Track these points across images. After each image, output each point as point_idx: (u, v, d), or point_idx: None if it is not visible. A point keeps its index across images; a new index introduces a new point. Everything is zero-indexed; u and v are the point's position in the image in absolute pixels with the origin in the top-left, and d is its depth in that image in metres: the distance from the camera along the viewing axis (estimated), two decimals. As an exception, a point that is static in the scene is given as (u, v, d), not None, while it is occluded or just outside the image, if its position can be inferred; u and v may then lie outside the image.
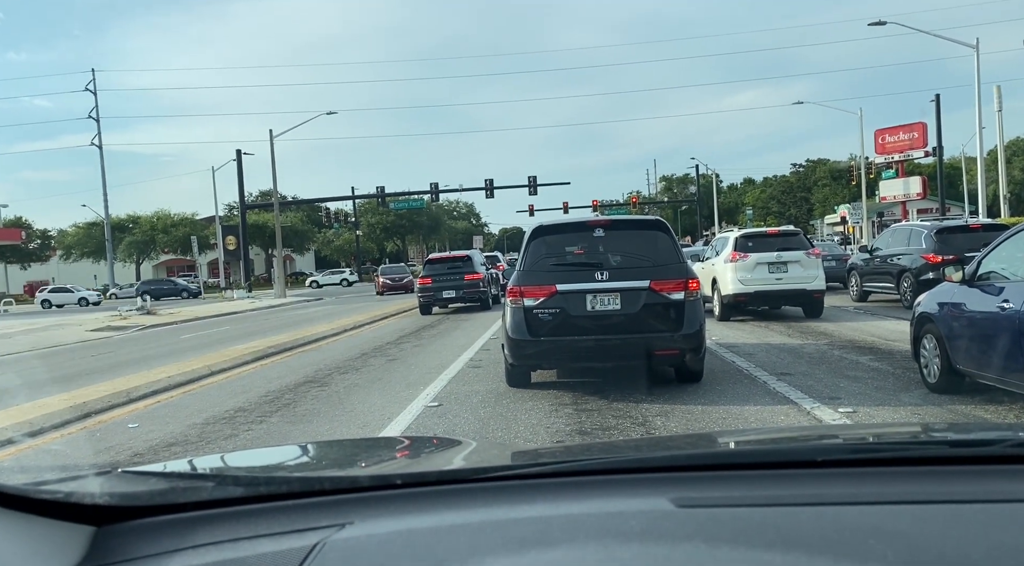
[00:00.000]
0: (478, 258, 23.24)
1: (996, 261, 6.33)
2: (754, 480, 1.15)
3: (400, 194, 53.53)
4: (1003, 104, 30.73)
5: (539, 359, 7.87)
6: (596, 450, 1.73)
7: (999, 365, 5.84)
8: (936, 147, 36.65)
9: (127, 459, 6.34)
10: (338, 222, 66.46)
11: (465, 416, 7.03)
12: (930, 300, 7.14)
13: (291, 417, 7.73)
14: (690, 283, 7.45)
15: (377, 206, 69.46)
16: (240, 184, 45.62)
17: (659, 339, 7.36)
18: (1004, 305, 5.80)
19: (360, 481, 1.28)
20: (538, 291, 7.47)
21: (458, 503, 1.11)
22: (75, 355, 16.67)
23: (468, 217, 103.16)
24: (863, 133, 44.12)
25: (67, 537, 1.04)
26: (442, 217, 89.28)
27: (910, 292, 14.38)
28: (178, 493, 1.22)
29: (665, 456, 1.42)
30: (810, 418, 6.30)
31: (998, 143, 32.17)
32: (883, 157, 43.96)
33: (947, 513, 0.99)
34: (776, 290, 14.34)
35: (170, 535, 1.07)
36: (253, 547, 1.02)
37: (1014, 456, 1.21)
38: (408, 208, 61.86)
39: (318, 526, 1.05)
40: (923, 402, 6.64)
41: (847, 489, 1.09)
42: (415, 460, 1.75)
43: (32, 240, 66.06)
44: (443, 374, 9.62)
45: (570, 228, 8.21)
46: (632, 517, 1.00)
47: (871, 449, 1.39)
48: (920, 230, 15.47)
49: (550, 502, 1.09)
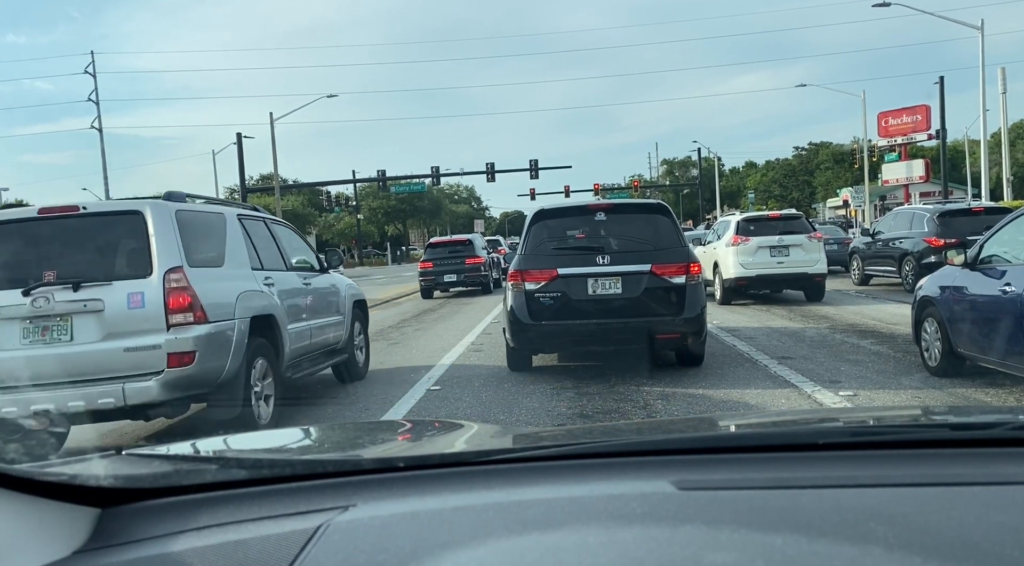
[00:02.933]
0: (479, 242, 23.22)
1: (998, 245, 6.32)
2: (755, 463, 1.15)
3: (401, 178, 53.37)
4: (1008, 86, 30.60)
5: (540, 343, 7.89)
6: (598, 433, 1.74)
7: (1000, 348, 5.85)
8: (940, 130, 36.42)
9: (132, 441, 6.38)
10: (339, 206, 66.39)
11: (467, 399, 7.06)
12: (932, 284, 7.14)
13: (293, 401, 7.76)
14: (692, 267, 7.45)
15: (378, 190, 69.26)
16: (241, 167, 45.49)
17: (660, 323, 7.37)
18: (1006, 289, 5.80)
19: (363, 464, 1.28)
20: (539, 275, 7.47)
21: (460, 486, 1.12)
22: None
23: (469, 201, 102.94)
24: (866, 116, 43.92)
25: (72, 519, 1.04)
26: (443, 201, 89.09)
27: (912, 276, 14.36)
28: (182, 475, 1.22)
29: (667, 439, 1.42)
30: (811, 401, 6.32)
31: (1002, 126, 31.99)
32: (886, 140, 43.73)
33: (948, 496, 0.99)
34: (777, 274, 14.32)
35: (174, 517, 1.08)
36: (256, 529, 1.03)
37: (1014, 439, 1.21)
38: (409, 192, 61.71)
39: (321, 509, 1.06)
40: (924, 385, 6.66)
41: (848, 472, 1.10)
42: (417, 443, 1.76)
43: (33, 224, 66.01)
44: (445, 358, 9.64)
45: (571, 212, 8.20)
46: (634, 500, 1.01)
47: (872, 432, 1.40)
48: (922, 213, 15.43)
49: (552, 485, 1.09)
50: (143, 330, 5.19)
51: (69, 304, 5.17)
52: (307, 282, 7.41)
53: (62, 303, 5.17)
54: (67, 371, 5.11)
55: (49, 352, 5.15)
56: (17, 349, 5.16)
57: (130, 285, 5.25)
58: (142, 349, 5.16)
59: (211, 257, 5.91)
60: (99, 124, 49.98)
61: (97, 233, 5.56)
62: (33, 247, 5.54)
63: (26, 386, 5.04)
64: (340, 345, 7.98)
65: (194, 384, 5.33)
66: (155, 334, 5.19)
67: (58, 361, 5.12)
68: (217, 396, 5.55)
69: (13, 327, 5.19)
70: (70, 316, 5.19)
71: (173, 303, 5.21)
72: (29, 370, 5.09)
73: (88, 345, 5.17)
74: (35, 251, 5.51)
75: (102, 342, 5.18)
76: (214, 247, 6.03)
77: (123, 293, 5.22)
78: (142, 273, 5.28)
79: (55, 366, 5.12)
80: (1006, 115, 31.82)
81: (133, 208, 5.54)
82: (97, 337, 5.19)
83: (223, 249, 6.12)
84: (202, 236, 5.88)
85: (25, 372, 5.09)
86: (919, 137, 42.53)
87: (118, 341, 5.17)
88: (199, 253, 5.67)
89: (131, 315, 5.20)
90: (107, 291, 5.21)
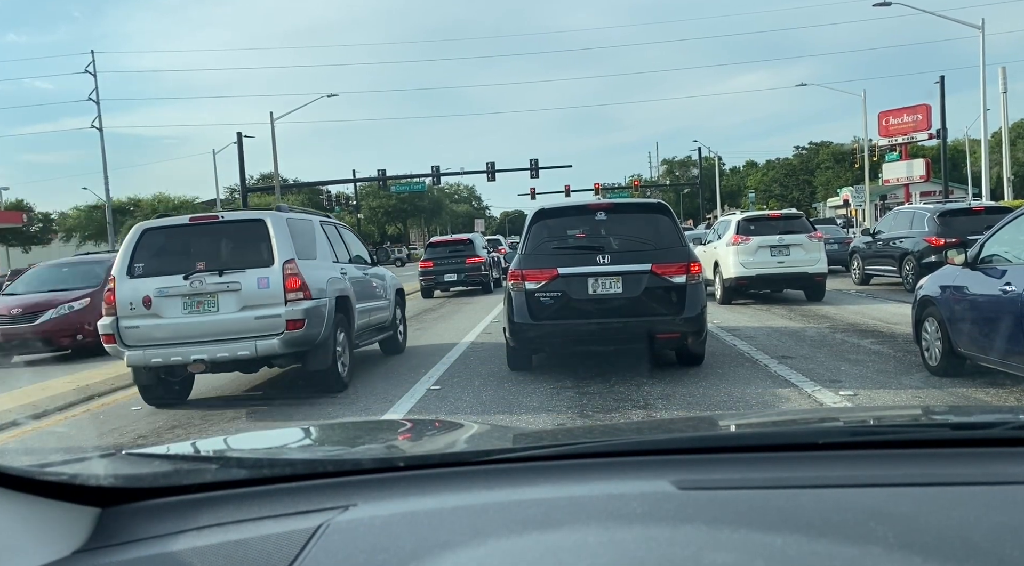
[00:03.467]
0: (480, 241, 23.22)
1: (999, 244, 6.31)
2: (755, 462, 1.15)
3: (401, 177, 53.33)
4: (1008, 86, 30.58)
5: (540, 342, 7.89)
6: (598, 433, 1.74)
7: (1001, 348, 5.84)
8: (940, 129, 36.39)
9: (131, 441, 6.38)
10: (339, 205, 66.28)
11: (467, 399, 7.06)
12: (932, 283, 7.13)
13: (293, 400, 7.77)
14: (692, 266, 7.45)
15: (378, 189, 69.28)
16: (241, 167, 45.49)
17: (661, 322, 7.36)
18: (1006, 288, 5.80)
19: (363, 463, 1.28)
20: (540, 274, 7.47)
21: (461, 485, 1.12)
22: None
23: (470, 200, 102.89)
24: (866, 115, 43.89)
25: (72, 518, 1.04)
26: (443, 200, 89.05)
27: (912, 275, 14.36)
28: (182, 475, 1.22)
29: (667, 439, 1.42)
30: (811, 401, 6.31)
31: (1003, 125, 31.99)
32: (887, 139, 43.67)
33: (948, 495, 0.99)
34: (778, 273, 14.32)
35: (174, 516, 1.08)
36: (256, 529, 1.03)
37: (1015, 439, 1.21)
38: (409, 191, 61.68)
39: (321, 508, 1.06)
40: (924, 385, 6.66)
41: (848, 471, 1.10)
42: (418, 442, 1.76)
43: (33, 223, 65.93)
44: (445, 357, 9.64)
45: (572, 211, 8.20)
46: (634, 499, 1.01)
47: (872, 432, 1.40)
48: (923, 213, 15.42)
49: (552, 484, 1.09)
50: (268, 303, 7.15)
51: (216, 285, 7.18)
52: (365, 273, 9.34)
53: (211, 284, 7.17)
54: (216, 332, 7.13)
55: (203, 319, 7.18)
56: (180, 317, 7.21)
57: (259, 271, 7.20)
58: (268, 317, 7.13)
59: (308, 252, 7.81)
60: (99, 123, 49.96)
61: (233, 235, 7.60)
62: (187, 245, 7.50)
63: (188, 343, 7.14)
64: (387, 324, 9.95)
65: (302, 343, 7.24)
66: (277, 306, 7.15)
67: (210, 325, 7.16)
68: (315, 353, 7.45)
69: (177, 302, 7.22)
70: (217, 294, 7.19)
71: (289, 285, 7.16)
72: (189, 332, 7.16)
73: (230, 314, 7.17)
74: (189, 248, 7.47)
75: (240, 312, 7.17)
76: (309, 245, 7.93)
77: (254, 277, 7.19)
78: (267, 263, 7.23)
79: (207, 329, 7.14)
80: (1007, 114, 31.84)
81: (257, 217, 7.56)
82: (236, 308, 7.19)
83: (314, 246, 8.07)
84: (301, 237, 7.78)
85: (187, 333, 7.16)
86: (920, 136, 42.48)
87: (251, 311, 7.16)
88: (302, 249, 7.59)
89: (260, 293, 7.17)
90: (242, 276, 7.19)
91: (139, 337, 7.15)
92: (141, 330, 7.15)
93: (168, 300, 7.17)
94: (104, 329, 7.21)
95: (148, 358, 7.11)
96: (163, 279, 7.20)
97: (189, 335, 7.12)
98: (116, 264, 7.40)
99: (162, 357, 7.09)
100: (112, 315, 7.18)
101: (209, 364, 7.14)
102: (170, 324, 7.13)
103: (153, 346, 7.13)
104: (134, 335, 7.15)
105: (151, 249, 7.43)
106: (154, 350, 7.11)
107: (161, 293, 7.16)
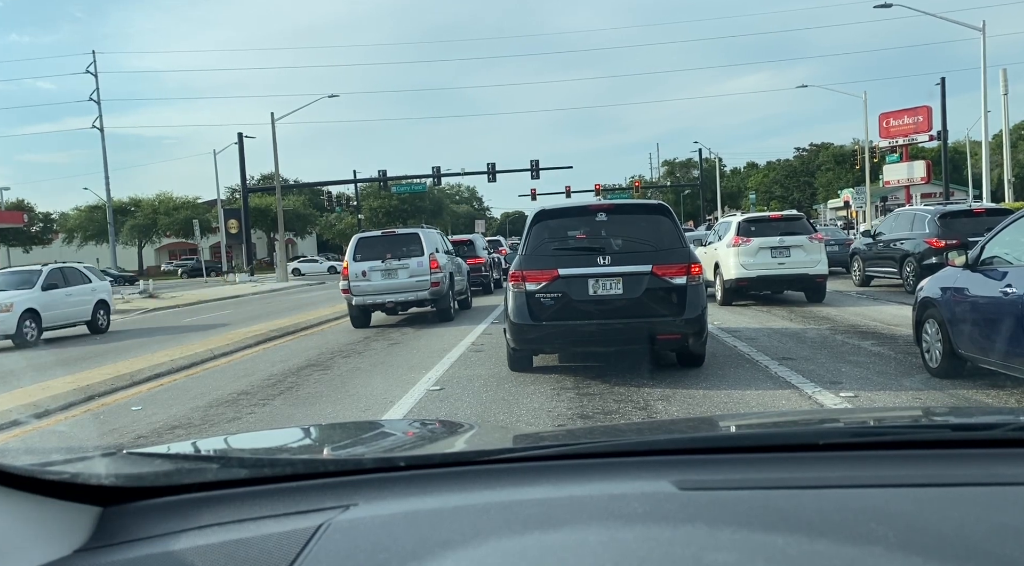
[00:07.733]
0: (480, 242, 23.22)
1: (999, 246, 6.31)
2: (756, 463, 1.15)
3: (402, 178, 53.34)
4: (1009, 87, 30.59)
5: (541, 343, 7.89)
6: (598, 433, 1.74)
7: (1001, 350, 5.84)
8: (941, 131, 36.40)
9: (131, 441, 6.38)
10: (340, 206, 66.29)
11: (467, 400, 7.06)
12: (933, 285, 7.13)
13: (294, 400, 7.77)
14: (692, 268, 7.44)
15: (379, 190, 69.29)
16: (242, 167, 45.54)
17: (661, 324, 7.36)
18: (1007, 290, 5.80)
19: (364, 463, 1.28)
20: (540, 275, 7.47)
21: (461, 485, 1.12)
22: (78, 339, 16.72)
23: (470, 201, 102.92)
24: (867, 117, 43.86)
25: (73, 517, 1.04)
26: (444, 201, 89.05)
27: (913, 277, 14.36)
28: (183, 474, 1.22)
29: (667, 439, 1.42)
30: (811, 402, 6.31)
31: (1003, 127, 31.99)
32: (887, 141, 43.69)
33: (948, 496, 0.99)
34: (778, 275, 14.32)
35: (175, 516, 1.08)
36: (257, 528, 1.03)
37: (1015, 440, 1.21)
38: (410, 192, 61.69)
39: (322, 508, 1.06)
40: (924, 387, 6.65)
41: (849, 472, 1.10)
42: (418, 443, 1.76)
43: (34, 223, 65.96)
44: (445, 358, 9.64)
45: (572, 212, 8.19)
46: (635, 499, 1.01)
47: (872, 433, 1.40)
48: (923, 214, 15.41)
49: (553, 485, 1.09)
50: (422, 274, 14.21)
51: (397, 265, 14.26)
52: (454, 260, 16.14)
53: (394, 264, 14.25)
54: (397, 289, 14.18)
55: (390, 282, 14.20)
56: (380, 281, 14.18)
57: (417, 259, 14.29)
58: (422, 281, 14.17)
59: (437, 247, 15.01)
60: (100, 123, 50.00)
61: (402, 238, 14.69)
62: (380, 244, 14.60)
63: (384, 293, 14.18)
64: (464, 290, 17.13)
65: (436, 294, 14.26)
66: (426, 276, 14.21)
67: (395, 285, 14.19)
68: (442, 300, 14.43)
69: (378, 273, 14.27)
70: (397, 269, 14.26)
71: (432, 265, 14.25)
72: (384, 289, 14.19)
73: (404, 279, 14.22)
74: (380, 246, 14.55)
75: (408, 279, 14.22)
76: (436, 244, 15.27)
77: (415, 261, 14.27)
78: (420, 253, 14.32)
79: (393, 287, 14.18)
80: (1007, 116, 31.84)
81: (414, 232, 14.85)
82: (407, 277, 14.23)
83: (438, 244, 15.30)
84: (433, 240, 15.13)
85: (383, 289, 14.20)
86: (920, 138, 42.50)
87: (414, 278, 14.20)
88: (434, 246, 14.85)
89: (418, 269, 14.23)
90: (409, 260, 14.30)
91: (360, 290, 14.11)
92: (361, 287, 14.11)
93: (373, 272, 14.20)
94: (344, 287, 14.13)
95: (364, 300, 14.12)
96: (371, 263, 14.24)
97: (384, 290, 14.10)
98: (347, 254, 14.58)
99: (372, 300, 14.15)
100: (346, 280, 14.08)
101: (393, 303, 14.23)
102: (374, 285, 14.11)
103: (367, 295, 14.12)
104: (358, 289, 14.09)
105: (363, 247, 14.50)
106: (368, 297, 14.13)
107: (372, 269, 14.19)
